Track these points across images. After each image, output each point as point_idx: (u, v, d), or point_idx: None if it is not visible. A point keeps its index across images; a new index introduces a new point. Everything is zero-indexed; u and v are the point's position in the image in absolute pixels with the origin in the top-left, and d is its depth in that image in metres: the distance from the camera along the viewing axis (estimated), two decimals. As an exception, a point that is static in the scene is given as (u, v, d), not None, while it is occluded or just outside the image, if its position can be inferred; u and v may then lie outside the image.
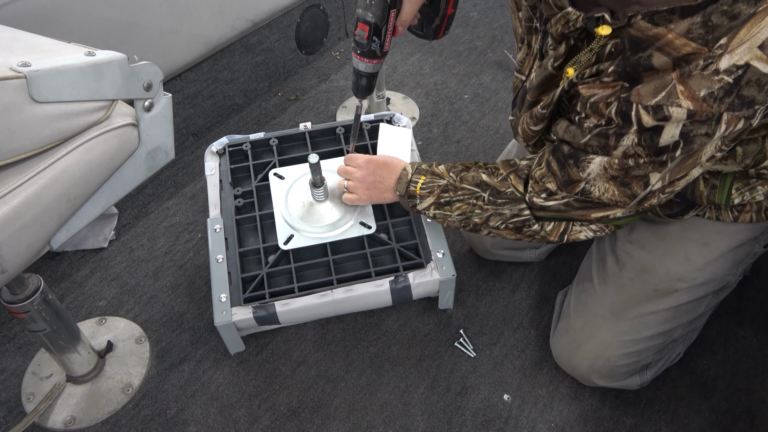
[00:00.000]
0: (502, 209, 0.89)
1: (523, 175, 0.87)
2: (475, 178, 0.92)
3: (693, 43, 0.59)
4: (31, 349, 1.19)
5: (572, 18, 0.67)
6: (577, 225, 0.85)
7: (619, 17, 0.62)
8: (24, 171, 0.70)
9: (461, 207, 0.93)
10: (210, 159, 1.26)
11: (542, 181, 0.82)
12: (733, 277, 0.98)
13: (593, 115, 0.70)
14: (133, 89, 0.79)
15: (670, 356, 1.08)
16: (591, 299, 1.02)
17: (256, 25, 1.65)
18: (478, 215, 0.91)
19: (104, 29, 1.31)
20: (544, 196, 0.83)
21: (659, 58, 0.62)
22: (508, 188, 0.88)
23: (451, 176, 0.94)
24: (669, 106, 0.62)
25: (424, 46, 1.92)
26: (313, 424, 1.07)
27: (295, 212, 1.14)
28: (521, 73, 0.90)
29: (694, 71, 0.60)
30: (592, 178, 0.75)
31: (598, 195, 0.77)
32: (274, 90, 1.78)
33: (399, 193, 1.01)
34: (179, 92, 1.55)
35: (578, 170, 0.76)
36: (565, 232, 0.86)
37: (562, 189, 0.80)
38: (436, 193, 0.95)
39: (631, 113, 0.65)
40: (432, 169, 0.97)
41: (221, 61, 1.61)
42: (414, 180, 0.98)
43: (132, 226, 1.41)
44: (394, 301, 1.10)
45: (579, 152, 0.75)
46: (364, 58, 0.88)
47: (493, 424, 1.06)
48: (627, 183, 0.74)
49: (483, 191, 0.90)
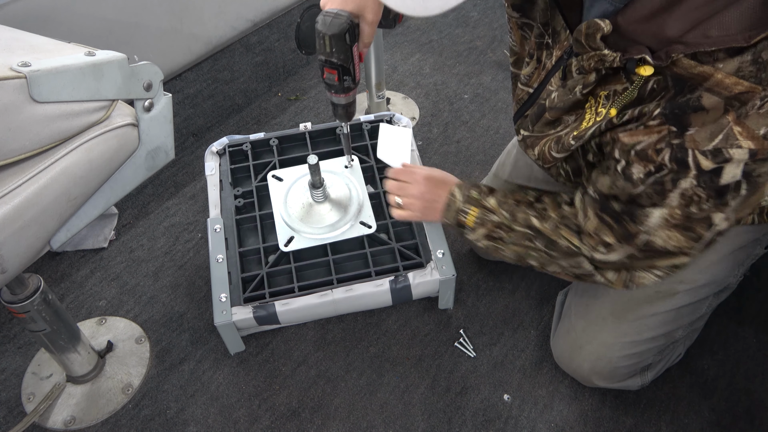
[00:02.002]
0: (560, 261, 0.86)
1: (573, 226, 0.83)
2: (526, 220, 0.88)
3: (745, 81, 0.57)
4: (31, 349, 1.19)
5: (608, 59, 0.64)
6: (641, 271, 0.80)
7: (661, 57, 0.59)
8: (24, 171, 0.70)
9: (516, 249, 0.90)
10: (210, 159, 1.26)
11: (597, 235, 0.78)
12: (734, 279, 0.98)
13: (639, 162, 0.66)
14: (133, 89, 0.79)
15: (671, 357, 1.08)
16: (592, 301, 1.02)
17: (256, 25, 1.65)
18: (535, 258, 0.89)
19: (104, 29, 1.31)
20: (603, 250, 0.79)
21: (709, 99, 0.59)
22: (561, 240, 0.84)
23: (503, 214, 0.90)
24: (728, 149, 0.59)
25: (425, 46, 1.92)
26: (313, 424, 1.07)
27: (295, 213, 1.14)
28: (528, 86, 0.87)
29: (751, 111, 0.57)
30: (652, 228, 0.71)
31: (661, 244, 0.72)
32: (274, 90, 1.78)
33: (447, 220, 0.97)
34: (179, 92, 1.55)
35: (636, 224, 0.72)
36: (629, 280, 0.82)
37: (621, 242, 0.76)
38: (488, 227, 0.92)
39: (688, 159, 0.61)
40: (482, 201, 0.93)
41: (221, 61, 1.61)
42: (464, 210, 0.94)
43: (132, 226, 1.41)
44: (394, 301, 1.10)
45: (633, 207, 0.71)
46: (340, 94, 0.87)
47: (493, 424, 1.06)
48: (690, 227, 0.69)
49: (536, 237, 0.87)
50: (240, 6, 1.58)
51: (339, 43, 0.77)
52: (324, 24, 0.77)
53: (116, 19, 1.32)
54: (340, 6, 0.77)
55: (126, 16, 1.33)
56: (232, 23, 1.59)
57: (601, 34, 0.62)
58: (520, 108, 0.91)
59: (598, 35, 0.63)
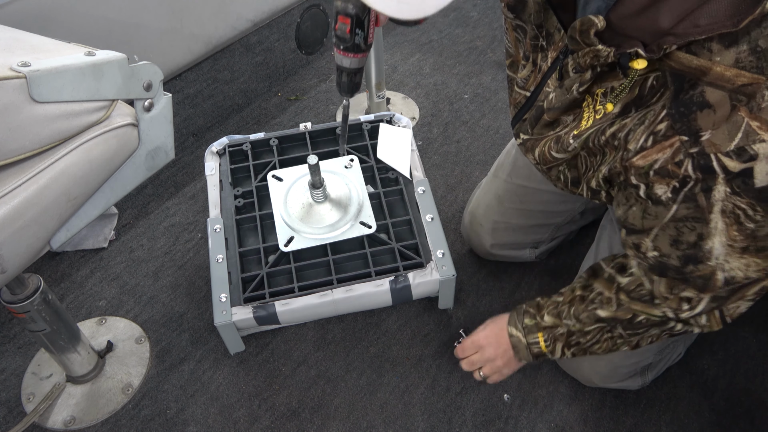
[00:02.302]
0: (648, 333, 0.81)
1: (644, 297, 0.77)
2: (591, 317, 0.83)
3: (747, 72, 0.56)
4: (31, 349, 1.19)
5: (603, 54, 0.63)
6: (732, 303, 0.74)
7: (653, 50, 0.59)
8: (24, 171, 0.70)
9: (603, 345, 0.85)
10: (210, 159, 1.26)
11: (674, 294, 0.73)
12: None
13: (661, 180, 0.63)
14: (133, 89, 0.79)
15: (671, 356, 1.08)
16: (592, 300, 1.02)
17: (256, 25, 1.65)
18: (624, 344, 0.84)
19: (104, 29, 1.31)
20: (686, 307, 0.73)
21: (713, 93, 0.58)
22: (638, 316, 0.79)
23: (567, 323, 0.86)
24: (752, 145, 0.57)
25: (425, 46, 1.92)
26: (313, 424, 1.07)
27: (295, 214, 1.14)
28: (525, 89, 0.87)
29: (763, 103, 0.56)
30: (723, 260, 0.66)
31: (742, 276, 0.67)
32: (274, 90, 1.78)
33: (525, 361, 0.95)
34: (179, 92, 1.55)
35: (704, 265, 0.67)
36: (724, 315, 0.76)
37: (703, 292, 0.70)
38: (562, 340, 0.88)
39: (713, 164, 0.59)
40: (539, 322, 0.90)
41: (221, 61, 1.61)
42: (532, 342, 0.90)
43: (132, 226, 1.41)
44: (394, 301, 1.10)
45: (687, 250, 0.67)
46: (348, 53, 0.82)
47: (493, 424, 1.06)
48: (762, 247, 0.64)
49: (613, 327, 0.82)
50: (240, 6, 1.58)
51: None
52: None
53: (116, 19, 1.32)
54: None
55: (126, 16, 1.33)
56: (232, 23, 1.59)
57: (594, 29, 0.63)
58: (517, 112, 0.90)
59: (592, 31, 0.63)
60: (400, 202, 1.21)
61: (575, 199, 1.13)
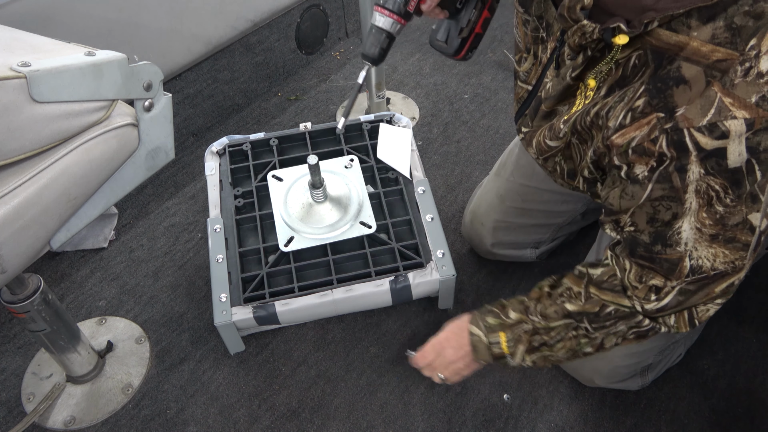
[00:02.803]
0: (615, 328, 0.80)
1: (615, 287, 0.78)
2: (559, 312, 0.82)
3: (721, 48, 0.57)
4: (31, 349, 1.19)
5: (588, 30, 0.65)
6: (701, 306, 0.75)
7: (635, 25, 0.60)
8: (24, 171, 0.70)
9: (565, 345, 0.83)
10: (210, 159, 1.26)
11: (643, 282, 0.74)
12: None
13: (639, 159, 0.65)
14: (133, 89, 0.79)
15: (671, 357, 1.08)
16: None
17: (256, 25, 1.65)
18: (587, 344, 0.82)
19: (104, 29, 1.31)
20: (653, 297, 0.74)
21: (689, 69, 0.59)
22: (607, 307, 0.78)
23: (532, 319, 0.84)
24: (724, 121, 0.58)
25: (425, 45, 1.92)
26: (313, 424, 1.07)
27: (295, 213, 1.14)
28: (527, 83, 0.87)
29: (737, 79, 0.57)
30: (692, 247, 0.67)
31: (709, 265, 0.68)
32: (274, 90, 1.78)
33: (485, 362, 0.92)
34: (179, 92, 1.55)
35: (672, 248, 0.68)
36: (692, 317, 0.76)
37: (669, 278, 0.71)
38: (525, 340, 0.85)
39: (685, 139, 0.60)
40: (504, 320, 0.87)
41: (221, 61, 1.61)
42: (493, 342, 0.87)
43: (132, 226, 1.41)
44: (394, 301, 1.10)
45: (659, 228, 0.68)
46: (385, 10, 0.76)
47: (493, 424, 1.06)
48: (732, 238, 0.65)
49: (578, 321, 0.81)
50: (240, 6, 1.58)
51: None
52: None
53: (116, 19, 1.32)
54: None
55: (126, 16, 1.33)
56: (232, 23, 1.59)
57: (580, 5, 0.64)
58: (520, 107, 0.91)
59: (578, 6, 0.65)
60: (400, 202, 1.21)
61: (577, 200, 1.13)
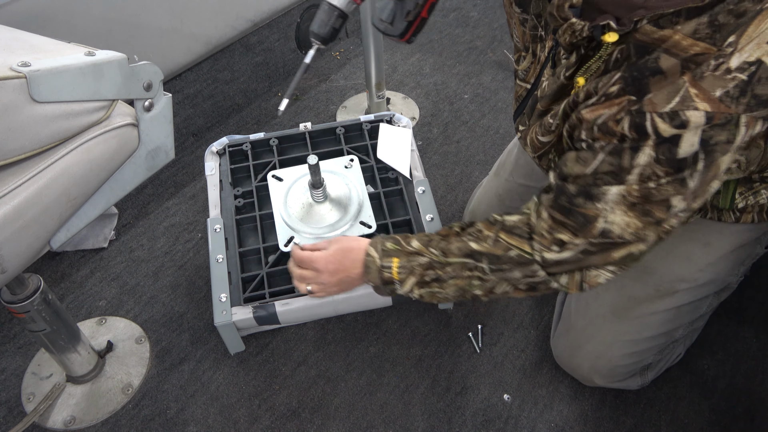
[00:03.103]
0: (510, 274, 0.80)
1: (523, 233, 0.79)
2: (462, 248, 0.82)
3: (701, 43, 0.58)
4: (31, 349, 1.19)
5: (578, 28, 0.65)
6: (594, 270, 0.77)
7: (624, 23, 0.61)
8: (24, 171, 0.70)
9: (457, 283, 0.84)
10: (210, 159, 1.26)
11: (551, 234, 0.75)
12: (734, 278, 0.98)
13: (603, 137, 0.66)
14: (133, 89, 0.79)
15: (671, 357, 1.08)
16: (592, 299, 1.02)
17: (256, 25, 1.65)
18: (479, 287, 0.83)
19: (104, 29, 1.31)
20: (556, 249, 0.75)
21: (667, 60, 0.60)
22: (510, 251, 0.79)
23: (432, 252, 0.84)
24: (686, 110, 0.59)
25: (425, 46, 1.92)
26: (313, 424, 1.07)
27: (295, 213, 1.14)
28: (526, 81, 0.88)
29: (706, 72, 0.58)
30: (610, 208, 0.69)
31: (619, 232, 0.70)
32: (274, 90, 1.78)
33: (372, 283, 0.91)
34: (179, 92, 1.55)
35: (592, 203, 0.69)
36: (582, 281, 0.78)
37: (578, 235, 0.73)
38: (418, 273, 0.85)
39: (646, 123, 0.61)
40: (404, 247, 0.87)
41: (221, 61, 1.61)
42: (386, 265, 0.87)
43: (132, 226, 1.41)
44: (394, 301, 1.10)
45: (590, 186, 0.69)
46: None
47: (493, 424, 1.06)
48: (648, 211, 0.68)
49: (478, 261, 0.81)
50: (240, 6, 1.58)
51: None
52: None
53: (116, 19, 1.32)
54: None
55: (126, 16, 1.33)
56: (232, 23, 1.59)
57: (569, 3, 0.65)
58: (519, 106, 0.91)
59: (566, 5, 0.65)
60: (400, 202, 1.21)
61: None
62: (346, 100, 1.74)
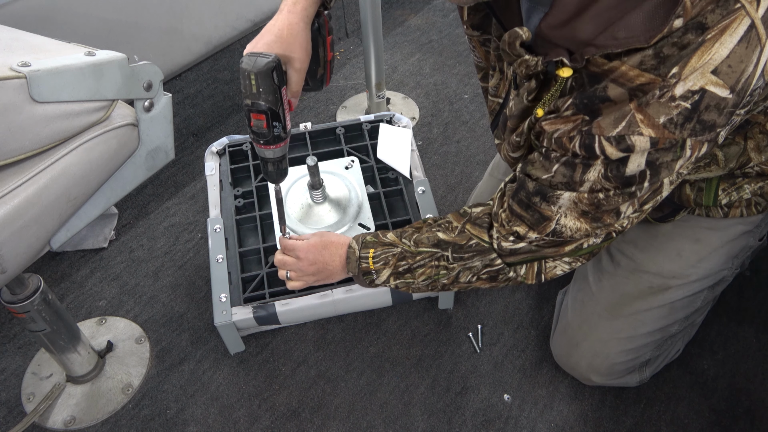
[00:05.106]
0: (471, 263, 0.84)
1: (484, 223, 0.83)
2: (431, 238, 0.86)
3: (646, 73, 0.59)
4: (31, 349, 1.19)
5: (531, 63, 0.67)
6: (551, 261, 0.81)
7: (577, 59, 0.62)
8: (24, 171, 0.71)
9: (425, 272, 0.87)
10: (210, 159, 1.26)
11: (509, 225, 0.79)
12: (728, 271, 0.98)
13: (558, 149, 0.70)
14: (133, 89, 0.79)
15: (669, 353, 1.08)
16: (587, 297, 1.03)
17: (256, 25, 1.66)
18: (445, 275, 0.86)
19: (104, 29, 1.31)
20: (512, 239, 0.79)
21: (614, 90, 0.62)
22: (471, 240, 0.83)
23: (404, 242, 0.88)
24: (631, 136, 0.62)
25: (425, 46, 1.93)
26: (313, 424, 1.07)
27: (294, 214, 1.14)
28: (497, 96, 0.89)
29: (651, 100, 0.60)
30: (563, 213, 0.73)
31: (570, 234, 0.75)
32: (274, 90, 1.78)
33: (352, 273, 0.94)
34: (179, 92, 1.55)
35: (548, 205, 0.74)
36: (540, 272, 0.83)
37: (533, 230, 0.77)
38: (392, 263, 0.88)
39: (595, 145, 0.64)
40: (380, 239, 0.91)
41: (221, 61, 1.61)
42: (363, 256, 0.91)
43: (132, 226, 1.41)
44: (394, 301, 1.10)
45: (546, 188, 0.73)
46: (270, 145, 0.80)
47: (493, 424, 1.06)
48: (598, 218, 0.72)
49: (444, 250, 0.85)
50: (240, 6, 1.58)
51: (266, 82, 0.73)
52: (249, 63, 0.73)
53: (116, 19, 1.32)
54: (265, 49, 0.76)
55: (126, 16, 1.34)
56: (232, 23, 1.59)
57: (519, 41, 0.66)
58: (494, 118, 0.92)
59: (517, 42, 0.66)
60: (400, 202, 1.21)
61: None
62: (346, 100, 1.74)
